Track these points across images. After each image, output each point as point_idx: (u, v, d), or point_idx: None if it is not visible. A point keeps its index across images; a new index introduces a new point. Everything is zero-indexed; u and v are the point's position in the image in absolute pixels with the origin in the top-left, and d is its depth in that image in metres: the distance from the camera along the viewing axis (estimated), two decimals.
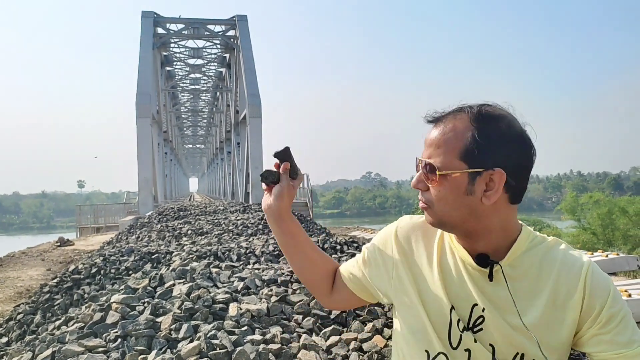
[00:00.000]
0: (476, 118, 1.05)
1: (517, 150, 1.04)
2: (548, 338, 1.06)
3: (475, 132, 1.03)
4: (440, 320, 1.12)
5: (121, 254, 6.41)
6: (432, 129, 1.10)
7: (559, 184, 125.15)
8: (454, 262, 1.14)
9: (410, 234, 1.22)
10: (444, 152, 1.05)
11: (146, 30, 24.73)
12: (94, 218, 26.57)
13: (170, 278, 4.10)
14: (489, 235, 1.08)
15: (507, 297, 1.07)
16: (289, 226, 1.31)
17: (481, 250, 1.09)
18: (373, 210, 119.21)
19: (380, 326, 3.11)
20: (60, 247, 14.08)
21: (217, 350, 2.71)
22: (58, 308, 4.89)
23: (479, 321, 1.09)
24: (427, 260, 1.17)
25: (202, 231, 9.29)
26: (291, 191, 1.30)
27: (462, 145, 1.04)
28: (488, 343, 1.08)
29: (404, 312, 1.18)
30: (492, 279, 1.08)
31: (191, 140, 71.49)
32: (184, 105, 49.40)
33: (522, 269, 1.08)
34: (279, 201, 1.28)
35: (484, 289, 1.09)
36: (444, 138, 1.06)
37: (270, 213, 1.30)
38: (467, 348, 1.09)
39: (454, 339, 1.10)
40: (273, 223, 1.32)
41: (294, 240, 1.33)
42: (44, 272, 9.62)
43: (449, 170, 1.04)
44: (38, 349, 3.09)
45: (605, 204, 28.15)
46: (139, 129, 21.87)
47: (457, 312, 1.10)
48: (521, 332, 1.06)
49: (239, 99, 28.06)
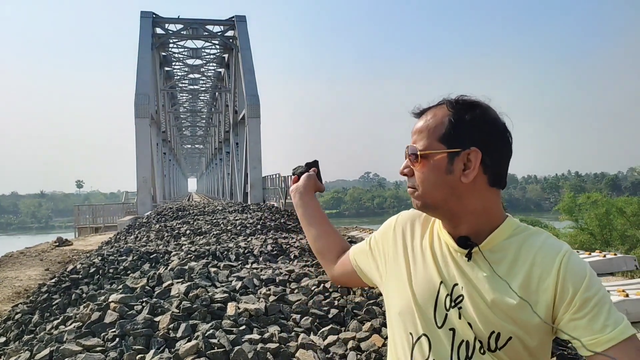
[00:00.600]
0: (453, 105, 1.15)
1: (492, 131, 1.13)
2: (523, 319, 1.08)
3: (452, 117, 1.14)
4: (427, 299, 1.17)
5: (119, 253, 6.40)
6: (418, 121, 1.21)
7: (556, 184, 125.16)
8: (439, 246, 1.21)
9: (408, 223, 1.32)
10: (425, 137, 1.16)
11: (145, 31, 24.73)
12: (93, 218, 26.55)
13: (168, 277, 4.10)
14: (470, 217, 1.14)
15: (485, 278, 1.11)
16: (310, 199, 1.59)
17: (464, 233, 1.15)
18: (372, 210, 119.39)
19: (378, 325, 3.12)
20: (58, 247, 14.07)
21: (215, 349, 2.71)
22: (56, 308, 4.89)
23: (459, 299, 1.13)
24: (420, 245, 1.25)
25: (201, 231, 9.29)
26: (317, 181, 1.63)
27: (441, 129, 1.14)
28: (466, 321, 1.12)
29: (394, 296, 1.26)
30: (470, 258, 1.14)
31: (190, 140, 71.46)
32: (183, 105, 49.38)
33: (501, 254, 1.12)
34: (306, 180, 1.61)
35: (464, 269, 1.15)
36: (425, 125, 1.17)
37: (296, 189, 1.61)
38: (451, 327, 1.13)
39: (439, 317, 1.15)
40: (298, 198, 1.60)
41: (312, 213, 1.58)
42: (42, 272, 9.61)
43: (430, 151, 1.15)
44: (36, 349, 3.09)
45: (603, 205, 28.19)
46: (138, 129, 21.88)
47: (445, 287, 1.16)
48: (496, 312, 1.09)
49: (238, 99, 28.06)
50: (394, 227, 1.33)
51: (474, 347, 1.11)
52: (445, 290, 1.16)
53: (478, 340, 1.10)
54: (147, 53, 24.04)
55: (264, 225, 9.69)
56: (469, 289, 1.12)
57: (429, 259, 1.21)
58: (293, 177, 1.67)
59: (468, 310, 1.12)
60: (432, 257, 1.21)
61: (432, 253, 1.21)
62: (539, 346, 1.10)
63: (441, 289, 1.16)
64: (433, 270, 1.19)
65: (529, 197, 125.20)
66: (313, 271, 4.41)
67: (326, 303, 3.47)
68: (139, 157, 21.98)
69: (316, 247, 1.57)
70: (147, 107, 22.08)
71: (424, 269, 1.21)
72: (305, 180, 1.61)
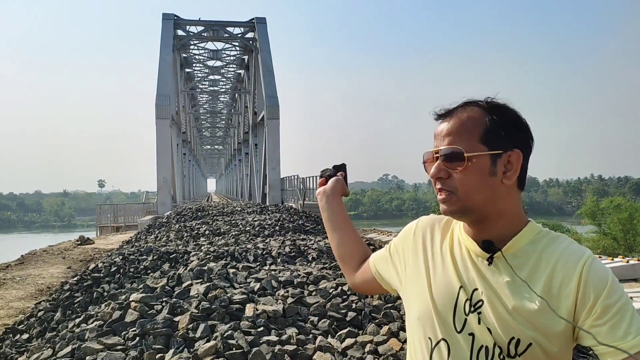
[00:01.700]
0: (489, 107, 1.14)
1: (527, 134, 1.15)
2: (544, 325, 1.06)
3: (490, 118, 1.12)
4: (446, 304, 1.16)
5: (140, 253, 6.49)
6: (442, 122, 1.17)
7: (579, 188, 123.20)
8: (459, 250, 1.20)
9: (428, 228, 1.31)
10: (466, 138, 1.12)
11: (167, 33, 25.04)
12: (114, 217, 26.92)
13: (187, 278, 4.14)
14: (500, 220, 1.14)
15: (506, 283, 1.10)
16: (337, 204, 1.57)
17: (487, 237, 1.14)
18: (390, 212, 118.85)
19: (396, 329, 3.11)
20: (80, 245, 14.29)
21: (234, 350, 2.74)
22: (78, 306, 4.97)
23: (479, 304, 1.12)
24: (440, 249, 1.24)
25: (220, 232, 9.35)
26: (344, 185, 1.60)
27: (482, 130, 1.12)
28: (486, 327, 1.10)
29: (413, 301, 1.25)
30: (491, 262, 1.13)
31: (209, 141, 72.06)
32: (203, 106, 49.84)
33: (523, 259, 1.11)
34: (334, 184, 1.58)
35: (484, 274, 1.13)
36: (462, 126, 1.13)
37: (324, 192, 1.58)
38: (471, 332, 1.12)
39: (459, 322, 1.14)
40: (325, 201, 1.58)
41: (337, 218, 1.56)
42: (64, 270, 9.77)
43: (475, 153, 1.11)
44: (58, 346, 3.15)
45: (627, 209, 27.68)
46: (159, 130, 22.15)
47: (464, 292, 1.15)
48: (516, 318, 1.08)
49: (257, 101, 28.21)
50: (414, 232, 1.32)
51: (493, 352, 1.09)
52: (465, 294, 1.14)
53: (498, 346, 1.09)
54: (169, 55, 24.33)
55: (282, 226, 9.72)
56: (489, 294, 1.11)
57: (448, 264, 1.20)
58: (320, 179, 1.65)
59: (487, 315, 1.11)
60: (452, 261, 1.20)
61: (452, 257, 1.20)
62: (560, 353, 1.08)
63: (460, 294, 1.15)
64: (453, 275, 1.18)
65: (550, 201, 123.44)
66: (331, 274, 4.42)
67: (344, 306, 3.47)
68: (159, 157, 22.23)
69: (339, 252, 1.56)
70: (168, 108, 22.34)
71: (443, 274, 1.20)
72: (333, 184, 1.58)
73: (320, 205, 1.60)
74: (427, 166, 1.19)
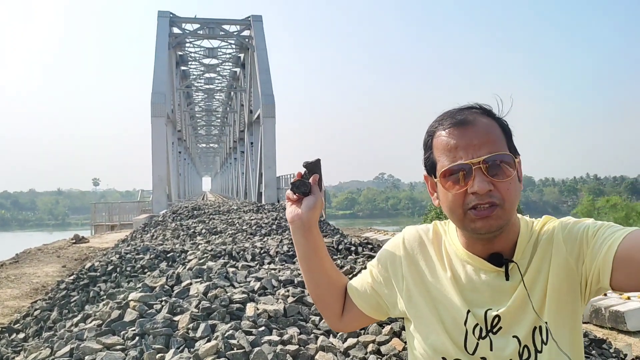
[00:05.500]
0: (491, 114, 1.10)
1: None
2: (561, 309, 1.06)
3: (502, 125, 1.10)
4: (456, 328, 1.12)
5: (137, 252, 6.44)
6: (461, 130, 1.06)
7: (574, 187, 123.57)
8: (463, 268, 1.14)
9: (417, 244, 1.22)
10: (501, 146, 1.07)
11: (162, 30, 24.92)
12: (109, 216, 26.86)
13: (187, 277, 4.10)
14: (510, 229, 1.09)
15: (523, 291, 1.07)
16: (315, 238, 1.28)
17: (497, 249, 1.09)
18: (386, 211, 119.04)
19: (399, 329, 3.08)
20: (75, 244, 14.22)
21: (235, 350, 2.70)
22: (74, 305, 4.93)
23: (495, 321, 1.09)
24: (438, 268, 1.17)
25: (217, 230, 9.32)
26: (321, 203, 1.28)
27: (504, 136, 1.09)
28: (511, 335, 1.08)
29: (419, 322, 1.18)
30: (508, 277, 1.08)
31: (205, 139, 71.88)
32: (198, 104, 49.69)
33: (527, 260, 1.09)
34: (312, 213, 1.25)
35: (501, 288, 1.09)
36: (492, 133, 1.07)
37: (300, 224, 1.26)
38: (483, 356, 1.09)
39: (470, 347, 1.10)
40: (300, 235, 1.27)
41: (316, 255, 1.29)
42: (59, 268, 9.71)
43: (517, 160, 1.09)
44: (56, 346, 3.11)
45: (623, 208, 27.87)
46: (154, 128, 22.06)
47: (473, 316, 1.10)
48: (536, 315, 1.07)
49: (253, 99, 28.15)
50: (403, 248, 1.23)
51: None
52: (474, 319, 1.10)
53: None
54: (164, 52, 24.22)
55: (279, 225, 9.69)
56: (509, 307, 1.08)
57: (450, 284, 1.14)
58: (293, 197, 1.28)
59: (511, 326, 1.09)
60: (453, 280, 1.14)
61: (454, 278, 1.14)
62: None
63: (469, 320, 1.10)
64: (456, 297, 1.12)
65: (546, 200, 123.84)
66: None
67: None
68: (154, 155, 22.15)
69: (318, 294, 1.34)
70: (164, 106, 22.25)
71: (447, 296, 1.13)
72: (311, 210, 1.25)
73: (294, 238, 1.29)
74: (447, 186, 1.07)
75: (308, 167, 1.28)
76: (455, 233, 1.17)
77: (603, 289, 1.04)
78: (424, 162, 1.15)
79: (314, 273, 1.31)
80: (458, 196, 1.05)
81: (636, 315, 5.38)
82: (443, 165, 1.07)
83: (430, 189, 1.16)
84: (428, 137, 1.13)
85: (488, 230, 1.05)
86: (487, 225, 1.04)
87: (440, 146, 1.08)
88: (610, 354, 3.50)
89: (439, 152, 1.09)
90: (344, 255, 6.01)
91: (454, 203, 1.06)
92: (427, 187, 1.18)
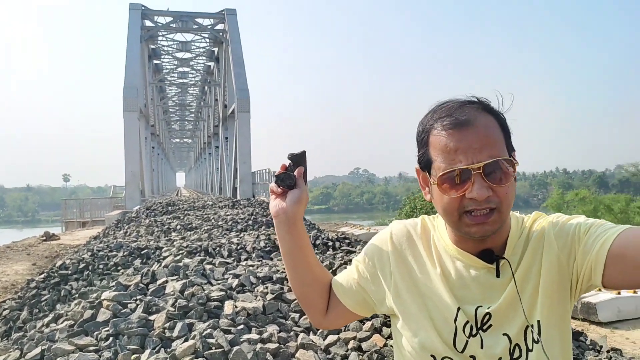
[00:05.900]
0: (491, 109, 1.04)
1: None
2: (553, 307, 1.05)
3: (500, 122, 1.04)
4: (445, 325, 1.09)
5: (109, 249, 6.29)
6: (461, 132, 1.00)
7: (544, 181, 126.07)
8: (453, 265, 1.11)
9: (406, 239, 1.18)
10: (500, 147, 1.01)
11: (134, 23, 24.45)
12: (80, 212, 26.29)
13: (162, 275, 4.01)
14: (503, 226, 1.06)
15: (514, 289, 1.05)
16: (300, 233, 1.23)
17: (487, 246, 1.06)
18: (361, 206, 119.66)
19: (379, 325, 3.06)
20: (45, 241, 13.90)
21: (214, 349, 2.64)
22: (45, 304, 4.79)
23: (486, 319, 1.07)
24: (427, 264, 1.14)
25: (192, 226, 9.20)
26: (307, 197, 1.23)
27: (503, 135, 1.04)
28: (502, 333, 1.06)
29: (407, 319, 1.15)
30: (499, 274, 1.06)
31: (178, 134, 71.02)
32: (172, 99, 49.00)
33: (518, 257, 1.07)
34: (297, 207, 1.20)
35: (491, 285, 1.07)
36: (492, 133, 1.01)
37: (285, 219, 1.21)
38: (472, 354, 1.07)
39: (459, 344, 1.08)
40: (285, 230, 1.22)
41: (301, 251, 1.24)
42: (29, 266, 9.47)
43: (516, 162, 1.05)
44: (26, 347, 3.00)
45: (591, 202, 28.53)
46: (126, 123, 21.65)
47: (463, 314, 1.08)
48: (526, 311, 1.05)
49: (228, 94, 27.87)
50: (391, 243, 1.19)
51: None
52: (464, 317, 1.07)
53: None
54: (136, 45, 23.78)
55: (255, 220, 9.61)
56: (500, 304, 1.06)
57: (439, 281, 1.11)
58: (277, 190, 1.23)
59: (501, 324, 1.07)
60: (443, 276, 1.11)
61: (443, 275, 1.11)
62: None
63: (459, 317, 1.08)
64: (446, 294, 1.09)
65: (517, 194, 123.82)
66: None
67: None
68: (127, 150, 21.76)
69: (302, 292, 1.29)
70: (136, 100, 21.87)
71: (436, 292, 1.11)
72: (295, 206, 1.20)
73: (278, 233, 1.24)
74: (443, 188, 1.02)
75: (293, 160, 1.23)
76: (444, 229, 1.14)
77: (593, 286, 1.02)
78: (418, 157, 1.10)
79: (299, 269, 1.26)
80: (455, 200, 1.01)
81: (607, 306, 5.48)
82: (440, 167, 1.02)
83: (422, 183, 1.11)
84: (424, 133, 1.07)
85: (483, 235, 1.02)
86: (482, 231, 1.01)
87: (438, 146, 1.02)
88: (587, 346, 3.54)
89: (436, 151, 1.03)
90: (322, 250, 5.98)
91: (450, 206, 1.02)
92: (419, 181, 1.13)
